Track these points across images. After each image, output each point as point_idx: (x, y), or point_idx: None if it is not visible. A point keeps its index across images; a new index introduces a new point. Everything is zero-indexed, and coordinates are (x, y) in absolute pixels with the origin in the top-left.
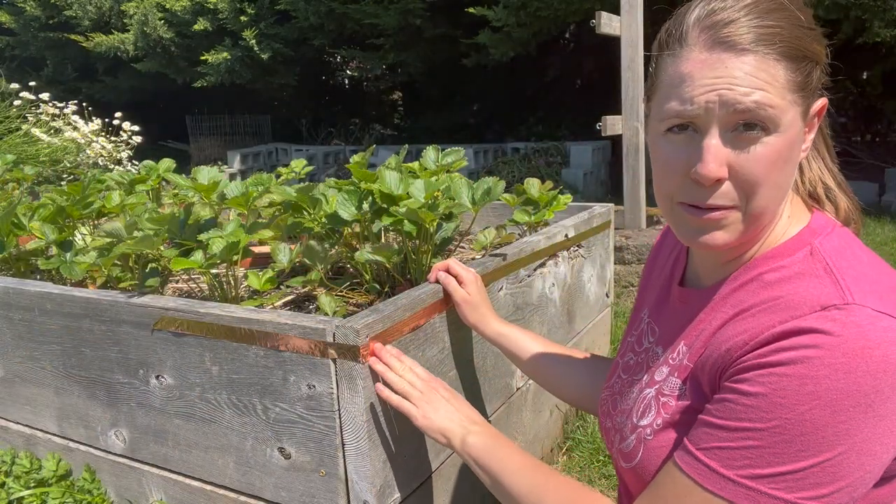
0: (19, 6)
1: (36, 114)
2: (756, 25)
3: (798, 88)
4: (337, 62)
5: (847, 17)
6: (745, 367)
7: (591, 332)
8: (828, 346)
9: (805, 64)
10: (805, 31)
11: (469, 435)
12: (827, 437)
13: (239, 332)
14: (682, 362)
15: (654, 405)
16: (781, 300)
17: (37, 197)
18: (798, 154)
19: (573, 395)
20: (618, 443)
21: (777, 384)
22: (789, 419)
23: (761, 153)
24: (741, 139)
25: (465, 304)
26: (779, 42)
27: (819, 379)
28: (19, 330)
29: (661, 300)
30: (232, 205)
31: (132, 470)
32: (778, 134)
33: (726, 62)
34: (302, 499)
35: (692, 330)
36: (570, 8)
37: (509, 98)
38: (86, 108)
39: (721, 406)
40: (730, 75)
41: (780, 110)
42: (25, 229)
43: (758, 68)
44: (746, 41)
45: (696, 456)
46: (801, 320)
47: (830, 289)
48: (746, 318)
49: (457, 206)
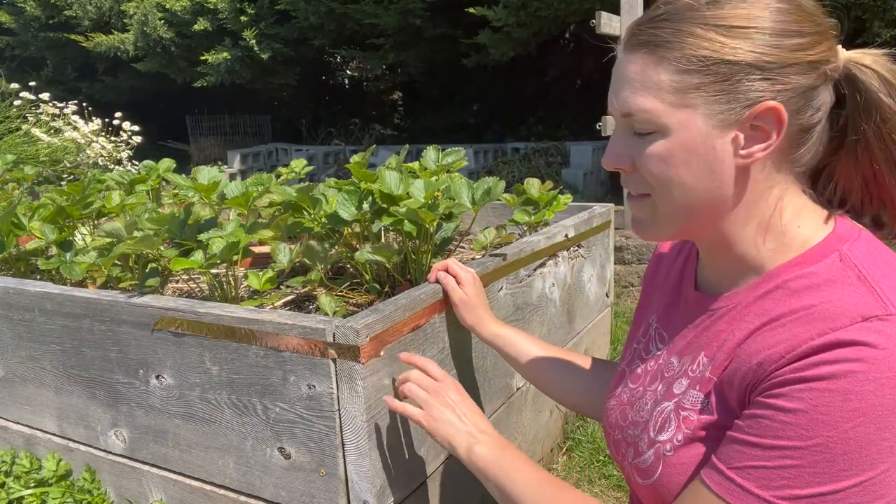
0: (19, 6)
1: (36, 114)
2: (655, 26)
3: (692, 88)
4: (337, 62)
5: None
6: (781, 382)
7: (591, 332)
8: (872, 360)
9: (706, 65)
10: (714, 33)
11: (476, 444)
12: (871, 454)
13: (239, 332)
14: (705, 375)
15: (673, 419)
16: (816, 310)
17: (37, 197)
18: (716, 159)
19: (571, 400)
20: (631, 457)
21: (818, 400)
22: (832, 437)
23: (651, 152)
24: (637, 138)
25: (462, 305)
26: (664, 43)
27: (864, 394)
28: (19, 330)
29: (671, 305)
30: (232, 205)
31: (132, 470)
32: (668, 136)
33: (626, 64)
34: (302, 499)
35: (713, 340)
36: (570, 8)
37: (509, 98)
38: (86, 108)
39: (755, 423)
40: (623, 76)
41: (658, 114)
42: (25, 229)
43: (642, 70)
44: (640, 41)
45: (728, 475)
46: (843, 332)
47: (869, 298)
48: (777, 329)
49: (457, 206)
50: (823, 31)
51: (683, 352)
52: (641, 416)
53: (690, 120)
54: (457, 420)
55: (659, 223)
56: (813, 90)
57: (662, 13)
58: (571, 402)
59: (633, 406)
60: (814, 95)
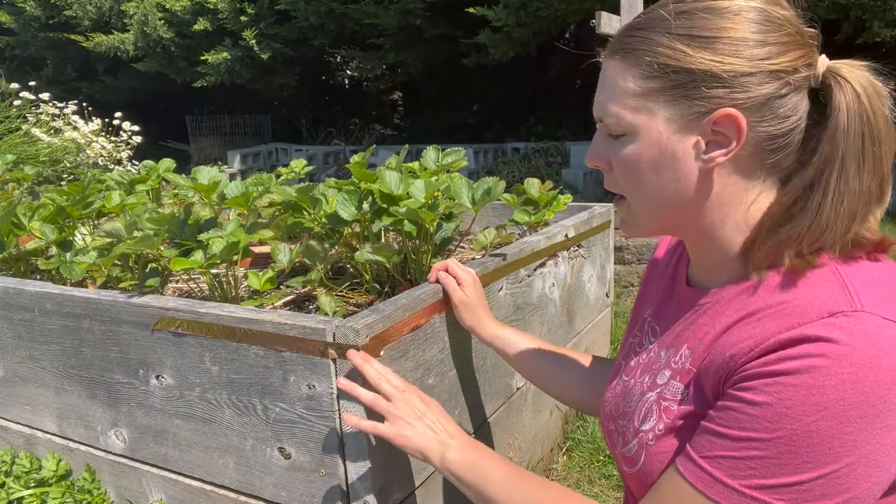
0: (19, 6)
1: (36, 114)
2: (626, 34)
3: (658, 93)
4: (337, 62)
5: (847, 17)
6: (749, 375)
7: (591, 332)
8: (835, 356)
9: (670, 71)
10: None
11: (448, 451)
12: (834, 448)
13: (239, 332)
14: (685, 366)
15: (655, 409)
16: (787, 305)
17: (37, 197)
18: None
19: (570, 397)
20: (620, 446)
21: (783, 394)
22: (795, 430)
23: (622, 155)
24: (612, 140)
25: (462, 306)
26: (633, 48)
27: (826, 389)
28: (19, 330)
29: (665, 300)
30: (232, 205)
31: (132, 470)
32: (637, 140)
33: (603, 68)
34: (302, 499)
35: (695, 333)
36: (570, 8)
37: (509, 98)
38: (86, 108)
39: (725, 414)
40: (600, 81)
41: (626, 120)
42: (25, 229)
43: (613, 73)
44: (616, 48)
45: (700, 464)
46: (808, 327)
47: (839, 294)
48: (751, 323)
49: (457, 206)
50: (796, 40)
51: (670, 345)
52: (630, 407)
53: (651, 124)
54: (427, 430)
55: (637, 221)
56: (779, 98)
57: (638, 22)
58: (570, 399)
59: (625, 397)
60: (780, 104)
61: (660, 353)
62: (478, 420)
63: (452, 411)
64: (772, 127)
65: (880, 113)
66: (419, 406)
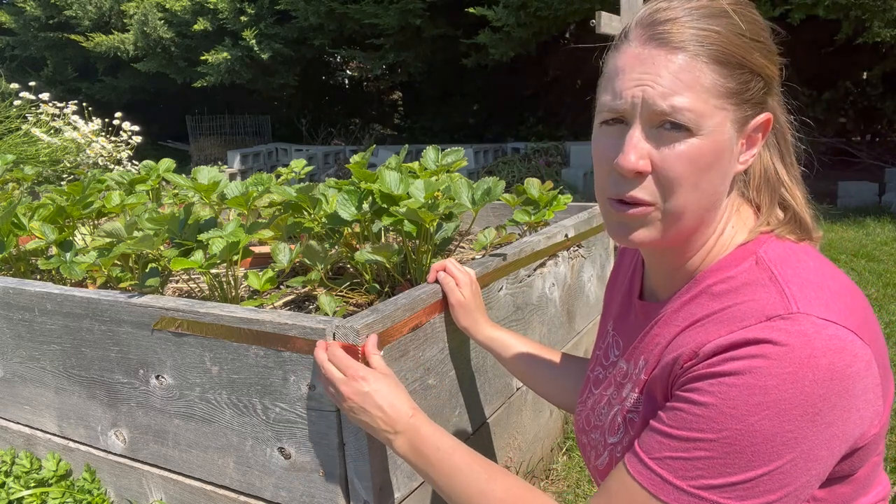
0: (19, 6)
1: (36, 114)
2: (691, 26)
3: (728, 95)
4: (337, 62)
5: (847, 17)
6: (695, 377)
7: (591, 332)
8: (774, 356)
9: (741, 72)
10: (747, 41)
11: (394, 441)
12: (776, 446)
13: (239, 332)
14: (640, 377)
15: (622, 423)
16: (729, 311)
17: (37, 197)
18: (729, 164)
19: (561, 400)
20: (594, 459)
21: (726, 394)
22: (738, 430)
23: (682, 152)
24: (665, 136)
25: (459, 307)
26: (710, 45)
27: (767, 389)
28: (19, 330)
29: (623, 313)
30: (232, 205)
31: (132, 470)
32: (701, 137)
33: (655, 58)
34: (302, 499)
35: (648, 344)
36: (570, 8)
37: (509, 98)
38: (86, 108)
39: (672, 414)
40: (656, 72)
41: (698, 114)
42: (25, 229)
43: (683, 68)
44: (677, 39)
45: (649, 465)
46: (748, 330)
47: (776, 298)
48: (697, 330)
49: (457, 206)
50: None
51: (629, 357)
52: (600, 420)
53: (724, 124)
54: (370, 420)
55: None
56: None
57: (703, 13)
58: (559, 401)
59: (595, 411)
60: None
61: (621, 365)
62: (478, 420)
63: (452, 411)
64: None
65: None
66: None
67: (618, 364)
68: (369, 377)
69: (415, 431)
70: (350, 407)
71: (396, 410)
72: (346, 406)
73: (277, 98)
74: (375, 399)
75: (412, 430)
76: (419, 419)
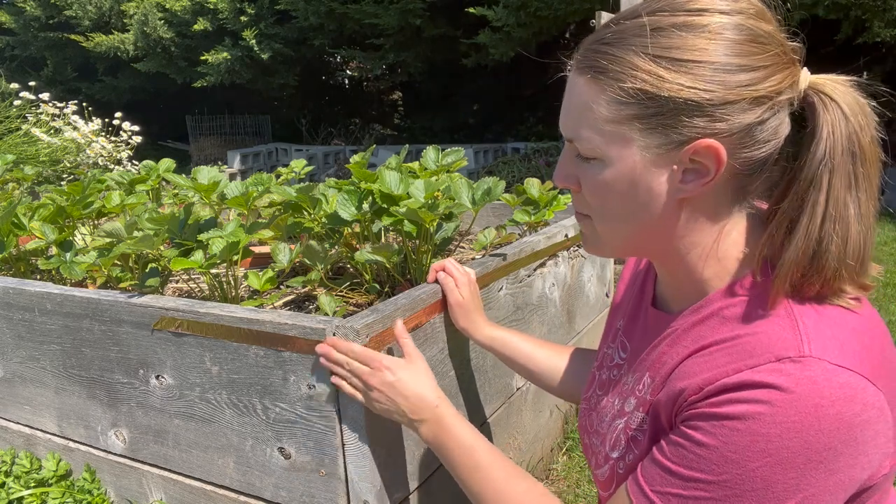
0: (19, 6)
1: (36, 114)
2: (599, 51)
3: (633, 119)
4: (337, 62)
5: (847, 17)
6: (697, 414)
7: (591, 331)
8: (780, 403)
9: (646, 97)
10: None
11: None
12: (777, 492)
13: (239, 332)
14: (646, 396)
15: (623, 438)
16: (739, 342)
17: (37, 197)
18: (649, 191)
19: (563, 391)
20: (594, 466)
21: (728, 438)
22: (739, 475)
23: (590, 177)
24: (583, 162)
25: (458, 308)
26: (606, 70)
27: (770, 437)
28: (19, 330)
29: (634, 316)
30: (232, 205)
31: (132, 470)
32: (610, 166)
33: (571, 83)
34: (302, 499)
35: (655, 361)
36: (570, 8)
37: (509, 98)
38: (86, 108)
39: (675, 450)
40: (567, 99)
41: (597, 145)
42: (25, 229)
43: (584, 94)
44: (586, 65)
45: (650, 497)
46: (755, 372)
47: (788, 335)
48: (704, 357)
49: (457, 206)
50: (780, 60)
51: (636, 369)
52: (602, 428)
53: (626, 152)
54: (395, 409)
55: (600, 243)
56: (760, 124)
57: (609, 36)
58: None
59: (598, 414)
60: (762, 129)
61: (628, 375)
62: (478, 420)
63: None
64: (751, 153)
65: (867, 132)
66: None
67: (624, 371)
68: (394, 366)
69: (438, 422)
70: (376, 398)
71: (422, 399)
72: (372, 397)
73: (277, 98)
74: (401, 389)
75: (436, 420)
76: (443, 410)
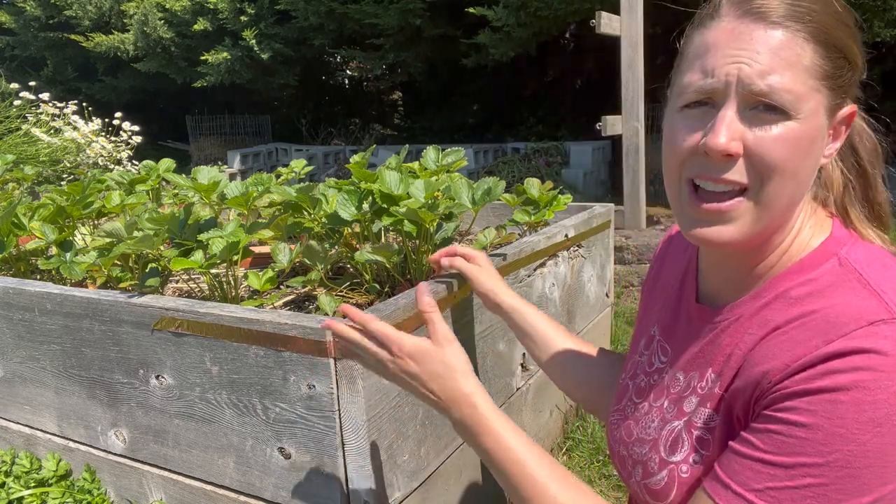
0: (19, 6)
1: (36, 114)
2: (789, 2)
3: (824, 77)
4: (337, 62)
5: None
6: (790, 394)
7: (591, 331)
8: (883, 368)
9: (837, 55)
10: (841, 24)
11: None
12: (893, 464)
13: (239, 332)
14: (713, 391)
15: (686, 439)
16: (818, 315)
17: (37, 197)
18: (818, 152)
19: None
20: (640, 476)
21: (833, 412)
22: (851, 451)
23: (780, 134)
24: (759, 118)
25: (479, 273)
26: (810, 22)
27: (878, 404)
28: (19, 330)
29: (673, 317)
30: (232, 205)
31: (132, 470)
32: (798, 121)
33: (753, 33)
34: (302, 499)
35: (718, 354)
36: (570, 8)
37: (509, 98)
38: (86, 108)
39: (767, 438)
40: (754, 49)
41: (797, 96)
42: (25, 229)
43: (784, 45)
44: (777, 14)
45: (747, 498)
46: (849, 339)
47: (872, 302)
48: (779, 338)
49: (457, 206)
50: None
51: (689, 367)
52: (648, 434)
53: (819, 109)
54: (420, 398)
55: (757, 219)
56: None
57: None
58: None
59: (639, 423)
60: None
61: (676, 375)
62: None
63: None
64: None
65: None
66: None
67: (668, 374)
68: (417, 355)
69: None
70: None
71: (452, 398)
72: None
73: (277, 98)
74: (426, 382)
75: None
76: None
